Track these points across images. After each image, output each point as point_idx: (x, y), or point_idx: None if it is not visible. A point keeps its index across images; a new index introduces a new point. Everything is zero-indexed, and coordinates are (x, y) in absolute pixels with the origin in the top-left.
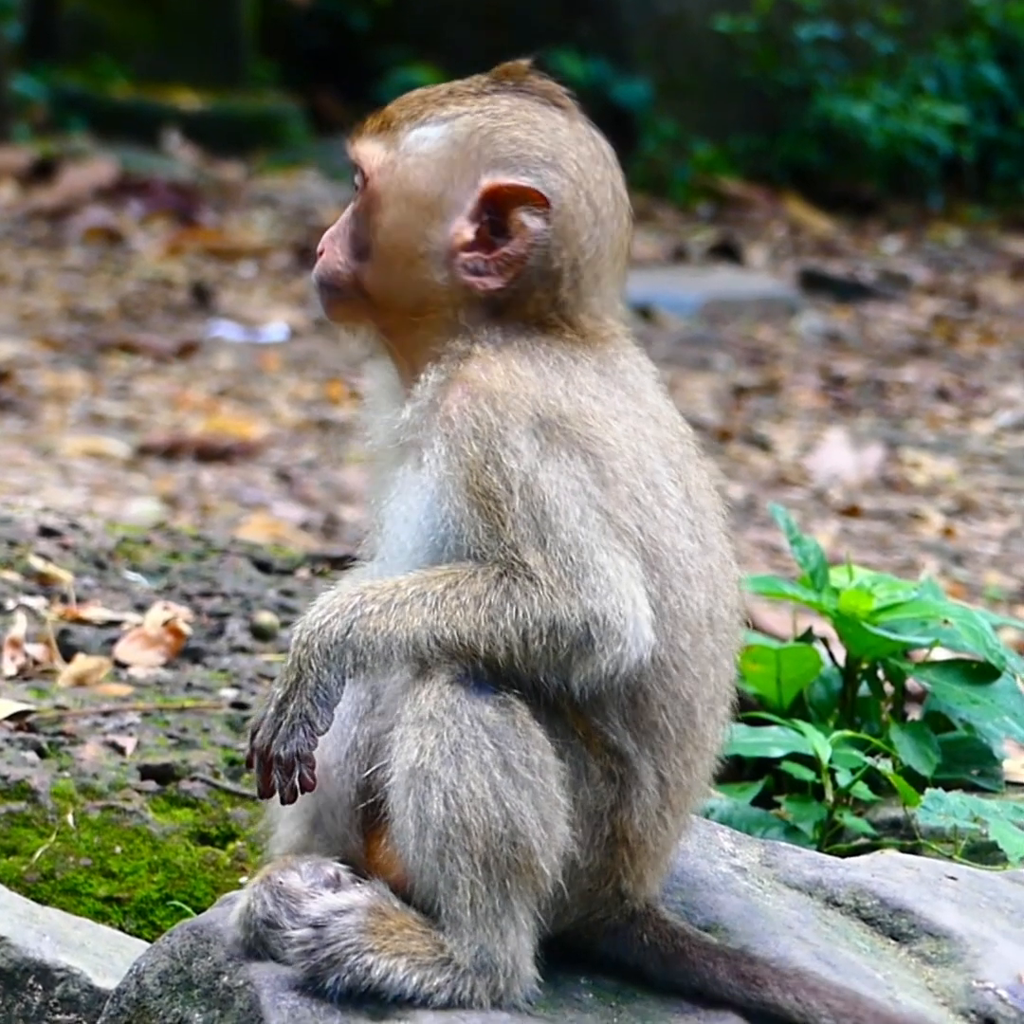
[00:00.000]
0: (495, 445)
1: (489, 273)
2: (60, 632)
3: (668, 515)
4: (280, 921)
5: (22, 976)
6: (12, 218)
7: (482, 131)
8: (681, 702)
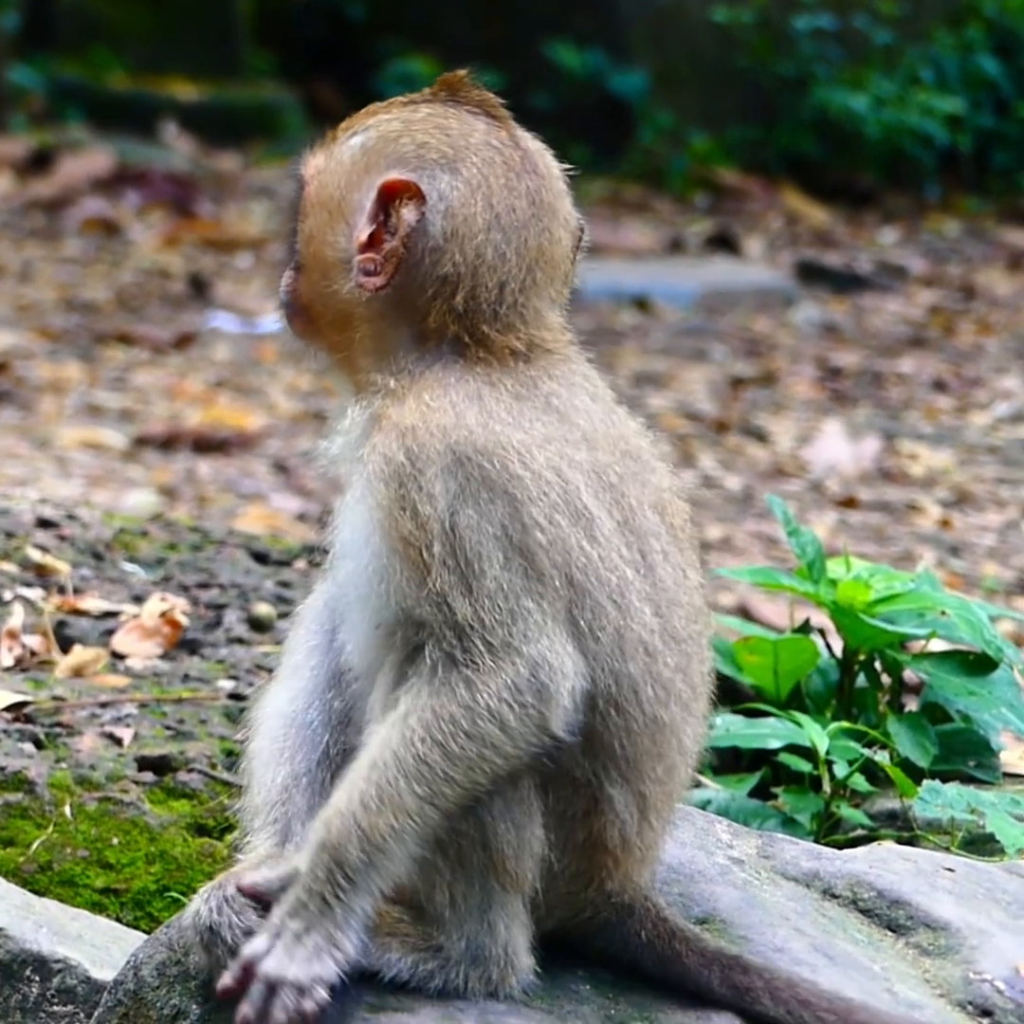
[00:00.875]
0: (410, 489)
1: (377, 270)
2: (57, 623)
3: (598, 548)
4: (222, 931)
5: (19, 967)
6: (9, 209)
7: (390, 135)
8: (642, 724)
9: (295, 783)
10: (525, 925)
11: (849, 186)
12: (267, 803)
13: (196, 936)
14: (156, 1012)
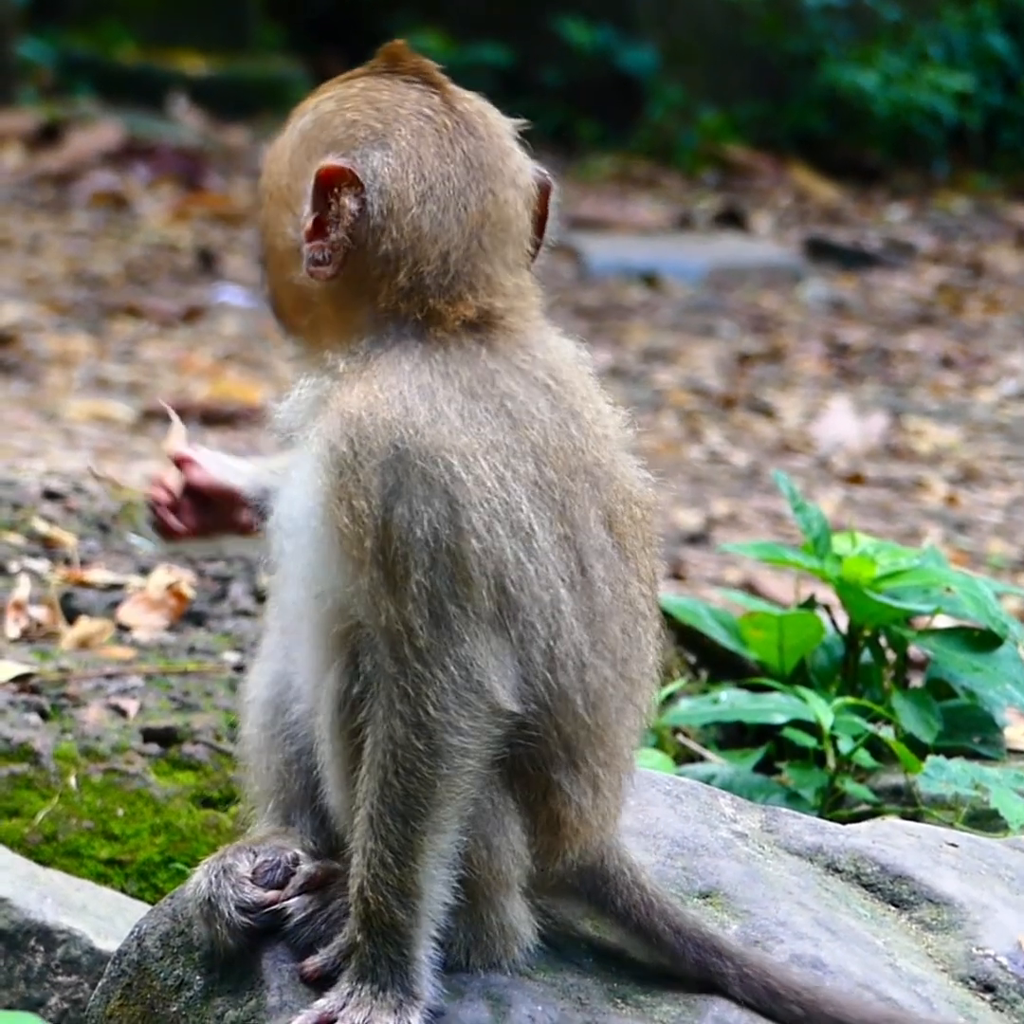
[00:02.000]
0: (348, 481)
1: (327, 262)
2: (63, 595)
3: (535, 563)
4: (220, 904)
5: (23, 938)
6: (18, 182)
7: (325, 117)
8: (576, 725)
9: (287, 769)
10: (516, 903)
11: (858, 163)
12: (265, 792)
13: (196, 908)
14: (160, 983)
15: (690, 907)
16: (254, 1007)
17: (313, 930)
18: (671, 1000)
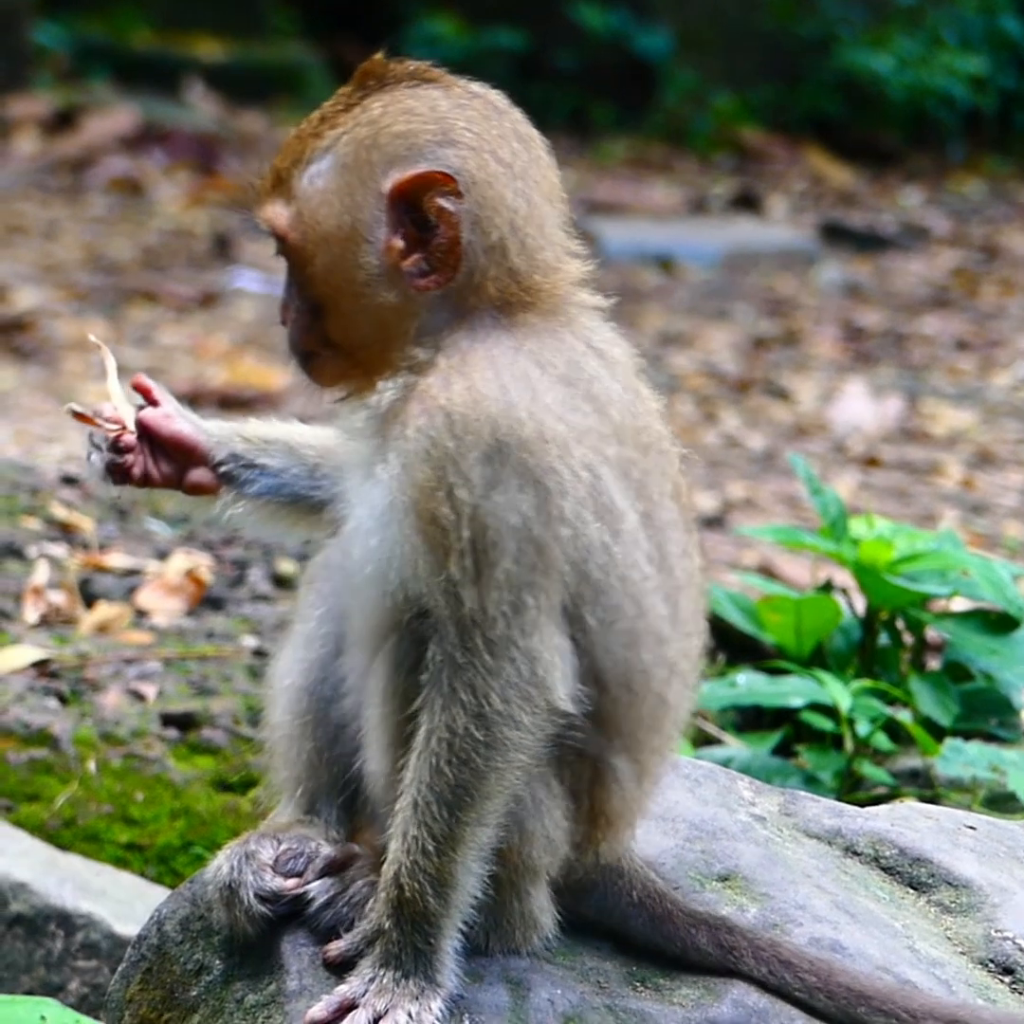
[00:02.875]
0: (448, 472)
1: (435, 270)
2: (82, 580)
3: (621, 545)
4: (240, 890)
5: (43, 922)
6: (34, 168)
7: (365, 142)
8: (649, 704)
9: (318, 757)
10: (539, 891)
11: (872, 147)
12: (293, 779)
13: (216, 893)
14: (179, 967)
15: (708, 890)
16: (274, 991)
17: (335, 914)
18: (690, 983)
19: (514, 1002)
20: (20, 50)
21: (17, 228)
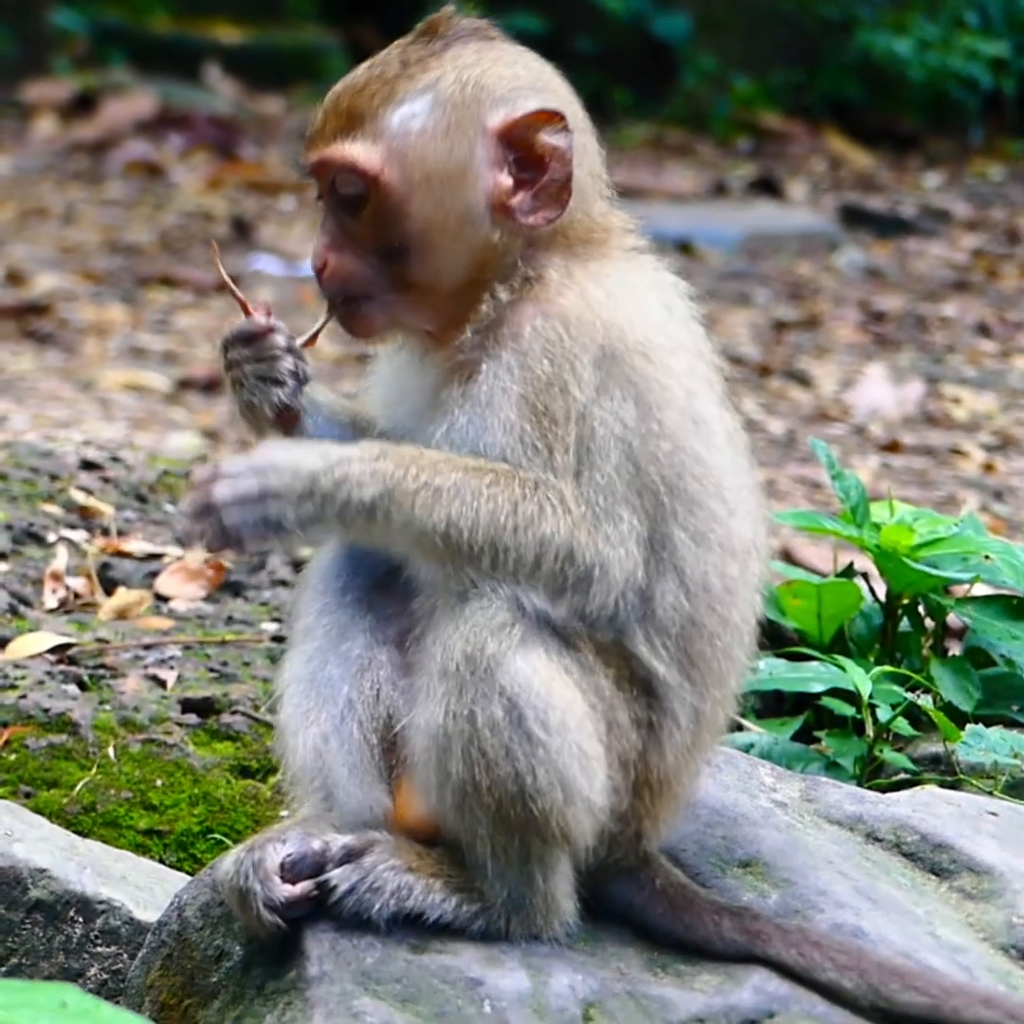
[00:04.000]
0: (564, 369)
1: (542, 206)
2: (101, 565)
3: (714, 455)
4: (248, 899)
5: (63, 908)
6: (53, 151)
7: (469, 83)
8: (731, 629)
9: (324, 743)
10: (566, 873)
11: (893, 130)
12: (303, 769)
13: (229, 893)
14: (200, 953)
15: (729, 876)
16: (294, 977)
17: (357, 900)
18: (711, 969)
19: (535, 987)
20: (39, 34)
21: (35, 211)
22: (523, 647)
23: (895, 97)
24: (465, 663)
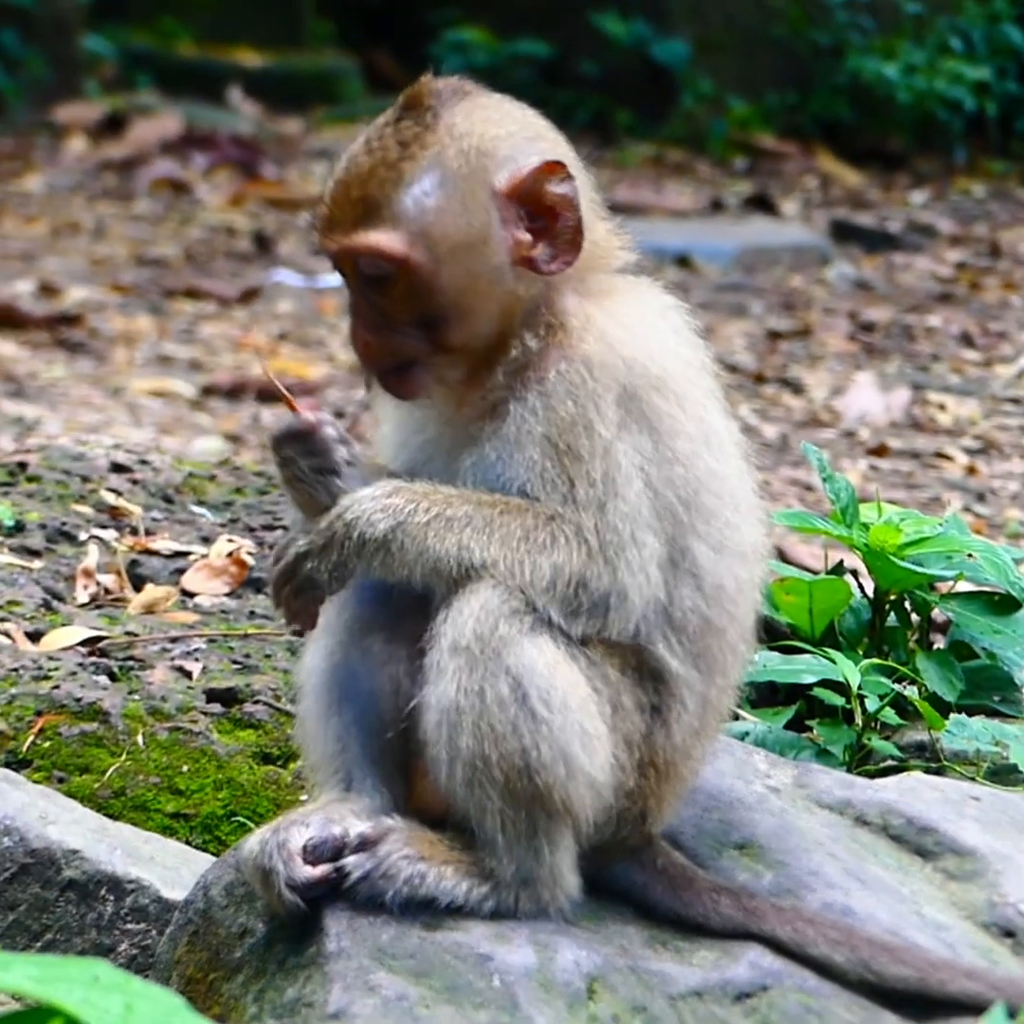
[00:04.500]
0: (589, 408)
1: (560, 252)
2: (130, 563)
3: (724, 465)
4: (271, 878)
5: (95, 887)
6: (84, 169)
7: (471, 152)
8: (737, 624)
9: (347, 732)
10: (569, 848)
11: (881, 149)
12: (325, 756)
13: (252, 871)
14: (224, 930)
15: (726, 858)
16: (314, 953)
17: (371, 886)
18: (708, 946)
19: (541, 963)
20: (71, 59)
21: (67, 227)
22: (532, 633)
23: (883, 118)
24: (475, 641)
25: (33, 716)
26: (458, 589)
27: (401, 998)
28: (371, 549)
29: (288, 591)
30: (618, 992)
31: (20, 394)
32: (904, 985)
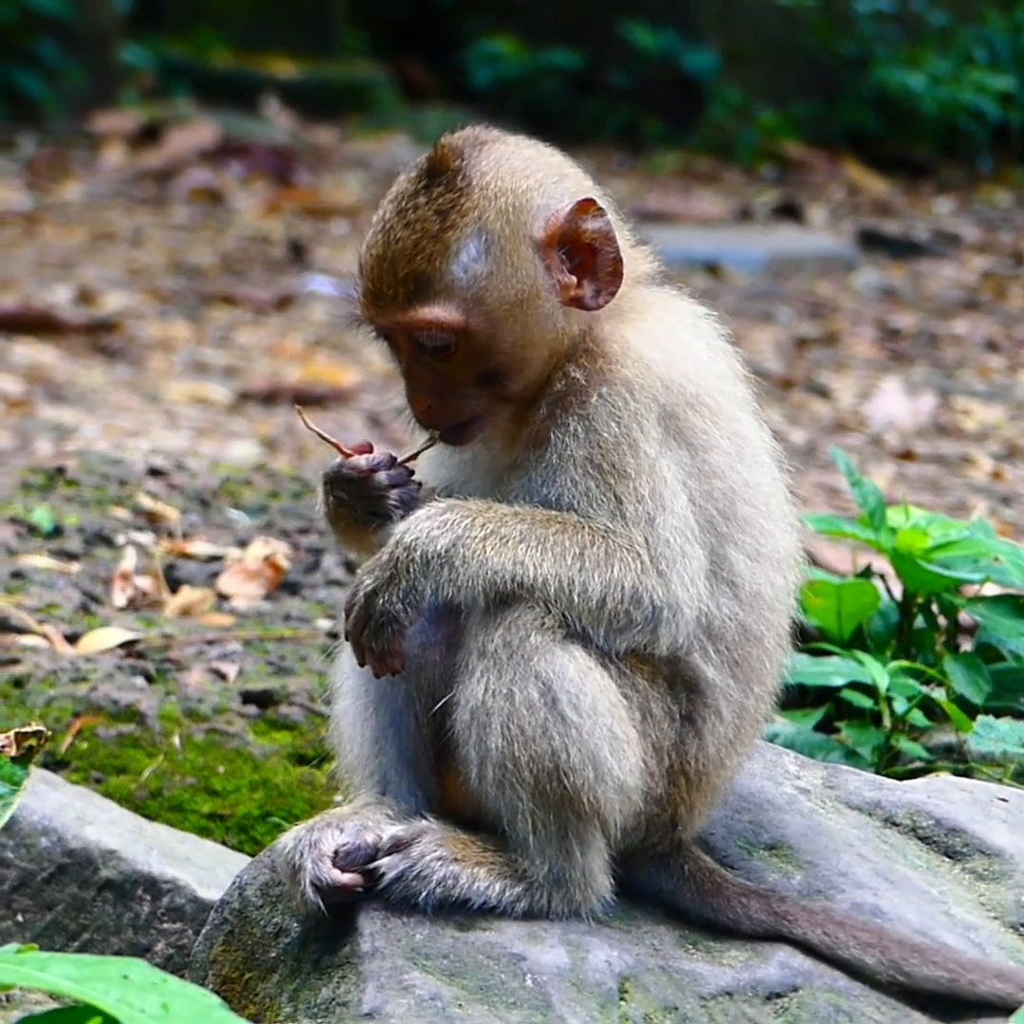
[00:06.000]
0: (633, 428)
1: (604, 285)
2: (167, 566)
3: (757, 474)
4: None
5: (131, 887)
6: (122, 179)
7: (507, 209)
8: (774, 631)
9: (383, 734)
10: (600, 849)
11: (907, 159)
12: (361, 757)
13: (283, 867)
14: (260, 930)
15: (756, 859)
16: (348, 953)
17: (405, 887)
18: (739, 946)
19: (574, 963)
20: (109, 69)
21: (105, 235)
22: (564, 643)
23: (909, 128)
24: (503, 647)
25: (71, 718)
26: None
27: (435, 998)
28: (436, 565)
29: (367, 636)
30: (650, 992)
31: (59, 400)
32: (934, 986)
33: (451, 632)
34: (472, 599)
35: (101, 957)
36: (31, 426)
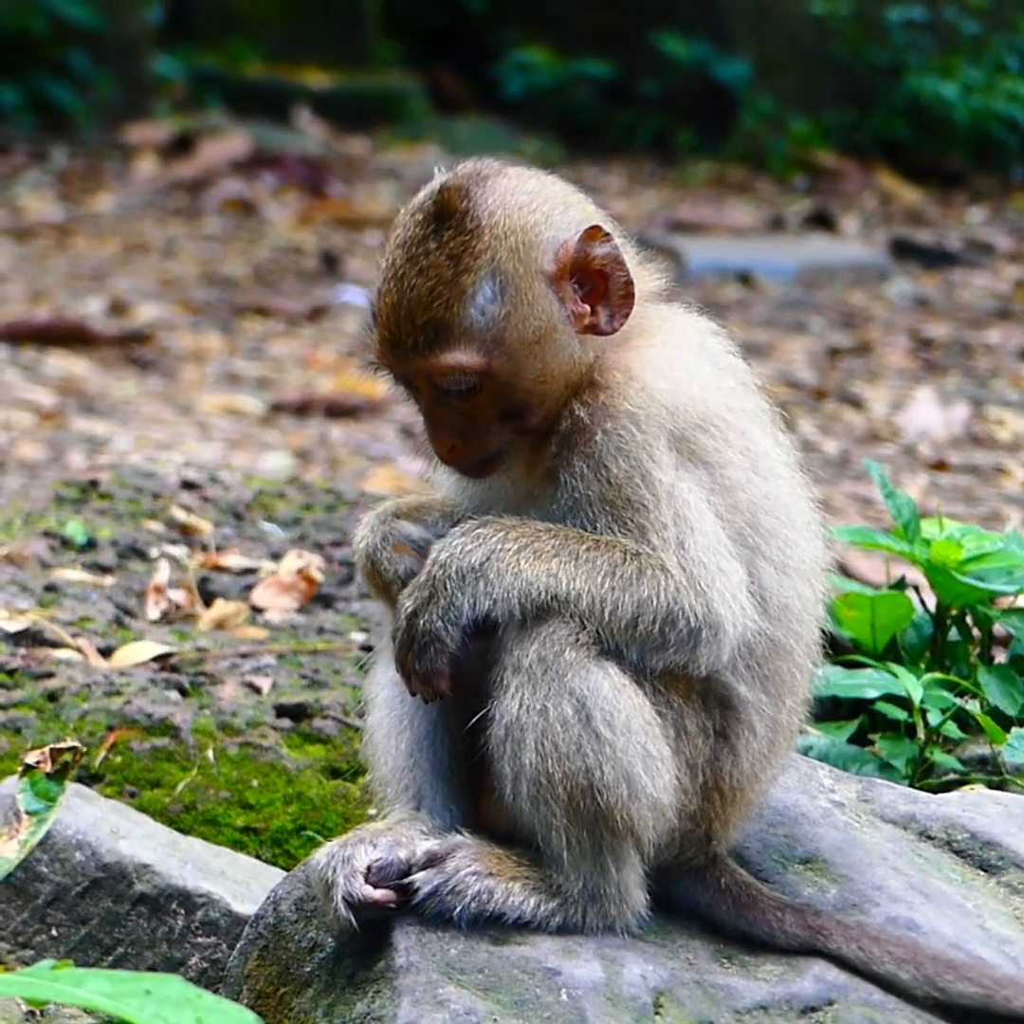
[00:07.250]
0: (643, 459)
1: (617, 309)
2: (200, 579)
3: (774, 485)
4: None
5: (166, 901)
6: (154, 189)
7: (517, 247)
8: (804, 643)
9: (418, 747)
10: (635, 864)
11: (939, 168)
12: (395, 771)
13: (317, 882)
14: (294, 944)
15: (791, 873)
16: (383, 967)
17: (439, 902)
18: (774, 960)
19: (608, 977)
20: (141, 80)
21: (138, 246)
22: (598, 659)
23: (941, 137)
24: (538, 663)
25: (105, 731)
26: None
27: (470, 1012)
28: (472, 579)
29: (411, 658)
30: (684, 1006)
31: (91, 412)
32: (969, 1001)
33: (486, 647)
34: (508, 612)
35: (136, 973)
36: (64, 438)
